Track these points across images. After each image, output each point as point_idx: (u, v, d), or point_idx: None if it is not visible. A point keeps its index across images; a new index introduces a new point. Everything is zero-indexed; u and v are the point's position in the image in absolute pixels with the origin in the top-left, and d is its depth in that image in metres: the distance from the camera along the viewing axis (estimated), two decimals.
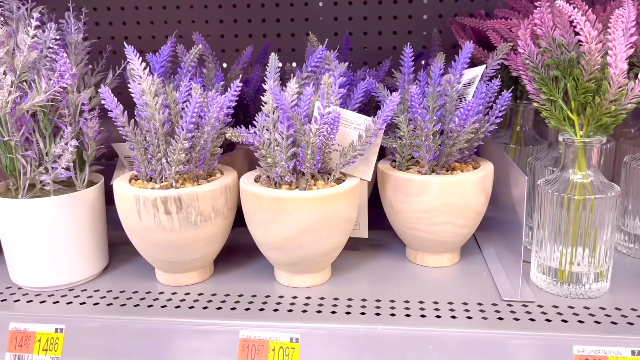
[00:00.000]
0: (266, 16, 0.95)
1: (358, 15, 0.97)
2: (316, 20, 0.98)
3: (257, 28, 0.96)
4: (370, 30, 0.97)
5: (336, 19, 1.01)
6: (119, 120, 0.55)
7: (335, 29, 1.01)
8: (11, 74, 0.54)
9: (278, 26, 0.97)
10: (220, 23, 0.95)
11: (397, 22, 0.98)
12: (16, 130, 0.56)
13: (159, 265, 0.60)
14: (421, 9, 0.99)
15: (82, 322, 0.54)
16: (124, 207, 0.56)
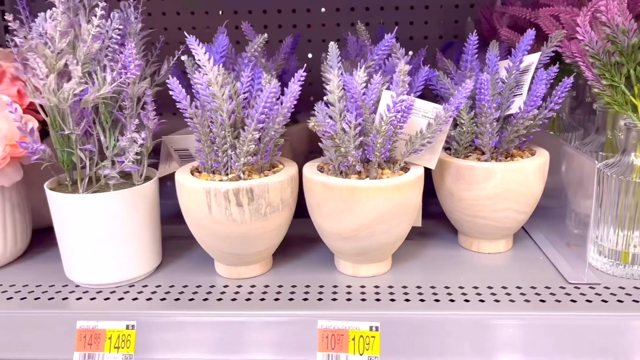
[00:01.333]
0: (296, 6, 0.94)
1: (390, 5, 0.97)
2: (347, 11, 0.97)
3: (287, 19, 0.95)
4: (402, 20, 0.97)
5: (367, 9, 1.00)
6: (187, 111, 0.53)
7: (367, 19, 1.00)
8: (74, 66, 0.52)
9: (308, 17, 0.96)
10: (249, 14, 0.93)
11: (429, 12, 0.98)
12: (76, 123, 0.54)
13: (222, 258, 0.59)
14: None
15: (152, 318, 0.53)
16: (191, 200, 0.55)
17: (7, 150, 0.55)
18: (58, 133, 0.55)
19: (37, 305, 0.55)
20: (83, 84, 0.50)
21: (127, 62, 0.53)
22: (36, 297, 0.57)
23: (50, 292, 0.58)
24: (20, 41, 0.51)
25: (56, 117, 0.54)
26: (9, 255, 0.63)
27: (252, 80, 0.57)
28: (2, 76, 0.62)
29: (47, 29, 0.51)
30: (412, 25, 1.02)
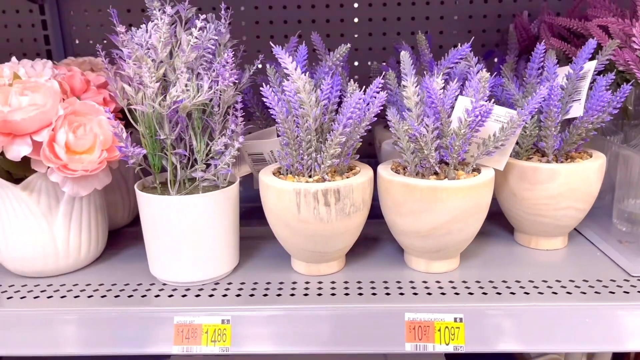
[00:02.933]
0: (344, 16, 0.98)
1: (421, 15, 1.02)
2: (379, 21, 1.01)
3: (337, 28, 0.99)
4: (432, 30, 1.01)
5: (399, 18, 1.05)
6: (278, 117, 0.57)
7: (399, 29, 1.05)
8: (172, 73, 0.55)
9: (355, 27, 1.00)
10: (299, 23, 0.97)
11: (458, 22, 1.03)
12: (171, 128, 0.57)
13: (304, 256, 0.62)
14: (486, 9, 1.04)
15: (245, 312, 0.56)
16: (279, 200, 0.58)
17: (104, 155, 0.58)
18: (153, 138, 0.58)
19: (131, 302, 0.58)
20: (187, 91, 0.53)
21: (221, 70, 0.56)
22: (129, 295, 0.59)
23: (141, 290, 0.61)
24: (128, 52, 0.54)
25: (151, 123, 0.57)
26: (92, 255, 0.66)
27: (331, 88, 0.61)
28: (87, 85, 0.65)
29: (152, 40, 0.54)
30: (441, 34, 1.07)
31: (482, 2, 1.06)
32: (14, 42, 1.11)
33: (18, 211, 0.59)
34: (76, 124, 0.57)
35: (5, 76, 0.59)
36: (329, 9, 1.02)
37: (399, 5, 1.03)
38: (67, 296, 0.59)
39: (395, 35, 1.05)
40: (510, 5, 1.06)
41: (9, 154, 0.56)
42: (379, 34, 1.05)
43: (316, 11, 1.03)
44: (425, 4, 1.05)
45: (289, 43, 0.67)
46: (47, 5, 1.08)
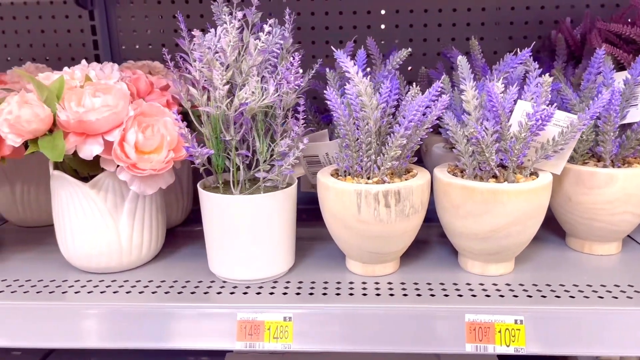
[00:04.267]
0: (399, 22, 1.00)
1: (462, 21, 1.03)
2: (420, 26, 1.02)
3: (378, 34, 1.00)
4: (487, 35, 1.02)
5: (440, 25, 1.05)
6: (340, 120, 0.58)
7: (438, 35, 1.06)
8: (238, 76, 0.57)
9: (398, 33, 1.01)
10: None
11: (499, 28, 1.03)
12: (236, 130, 0.59)
13: (361, 257, 0.63)
14: (527, 15, 1.04)
15: (306, 310, 0.57)
16: (339, 201, 0.59)
17: (171, 155, 0.60)
18: (218, 139, 0.60)
19: (194, 299, 0.59)
20: (255, 94, 0.55)
21: (286, 74, 0.57)
22: (192, 292, 0.61)
23: (202, 286, 0.62)
24: (200, 55, 0.56)
25: (217, 125, 0.59)
26: (152, 252, 0.68)
27: (389, 91, 0.62)
28: (151, 87, 0.67)
29: (221, 44, 0.55)
30: (482, 40, 1.08)
31: (524, 8, 1.06)
32: (63, 47, 1.15)
33: (86, 208, 0.62)
34: (144, 124, 0.59)
35: (76, 78, 0.62)
36: (388, 16, 1.04)
37: (440, 11, 1.04)
38: (132, 292, 0.61)
39: (436, 42, 1.06)
40: (552, 12, 1.06)
41: (82, 153, 0.58)
42: (419, 40, 1.06)
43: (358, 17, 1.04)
44: (466, 10, 1.05)
45: (345, 48, 0.68)
46: (97, 11, 1.12)
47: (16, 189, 0.79)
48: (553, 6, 1.06)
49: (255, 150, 0.62)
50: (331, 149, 0.69)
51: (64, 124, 0.57)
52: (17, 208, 0.80)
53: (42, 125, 0.57)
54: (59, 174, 0.61)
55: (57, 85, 0.59)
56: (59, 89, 0.58)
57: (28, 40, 1.15)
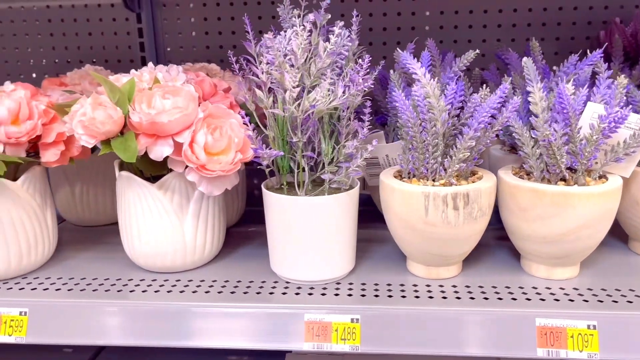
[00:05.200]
0: (458, 23, 0.99)
1: (508, 22, 1.02)
2: (479, 28, 1.01)
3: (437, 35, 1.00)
4: (535, 37, 1.01)
5: (485, 26, 1.04)
6: (409, 121, 0.58)
7: (498, 36, 1.04)
8: (308, 78, 0.58)
9: (456, 33, 1.00)
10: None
11: (545, 29, 1.02)
12: (303, 132, 0.59)
13: (425, 259, 0.63)
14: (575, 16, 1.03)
15: (373, 312, 0.57)
16: (406, 203, 0.59)
17: (239, 156, 0.60)
18: (284, 140, 0.60)
19: (260, 299, 0.60)
20: (327, 96, 0.55)
21: (354, 76, 0.58)
22: (257, 292, 0.61)
23: (266, 287, 0.63)
24: (271, 57, 0.56)
25: (284, 126, 0.60)
26: (213, 252, 0.69)
27: (454, 93, 0.62)
28: (215, 89, 0.68)
29: (292, 46, 0.56)
30: (528, 42, 1.06)
31: (572, 9, 1.05)
32: (109, 49, 1.17)
33: (153, 209, 0.63)
34: (213, 126, 0.60)
35: (144, 80, 0.63)
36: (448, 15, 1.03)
37: (485, 12, 1.03)
38: (198, 291, 0.62)
39: (482, 43, 1.05)
40: (600, 12, 1.04)
41: (152, 154, 0.59)
42: (464, 41, 1.04)
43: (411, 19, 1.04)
44: (512, 12, 1.04)
45: (406, 49, 0.68)
46: (144, 14, 1.13)
47: (75, 188, 0.81)
48: (602, 6, 1.04)
49: (319, 152, 0.62)
50: (392, 150, 0.69)
51: (135, 126, 0.58)
52: (76, 207, 0.82)
53: (115, 127, 0.58)
54: (127, 174, 0.62)
55: (127, 87, 0.60)
56: (130, 91, 0.59)
57: (76, 43, 1.17)
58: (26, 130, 0.61)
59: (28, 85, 0.67)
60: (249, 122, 0.60)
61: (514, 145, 0.75)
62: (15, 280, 0.65)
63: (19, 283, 0.64)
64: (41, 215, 0.66)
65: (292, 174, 0.63)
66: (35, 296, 0.61)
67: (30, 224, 0.64)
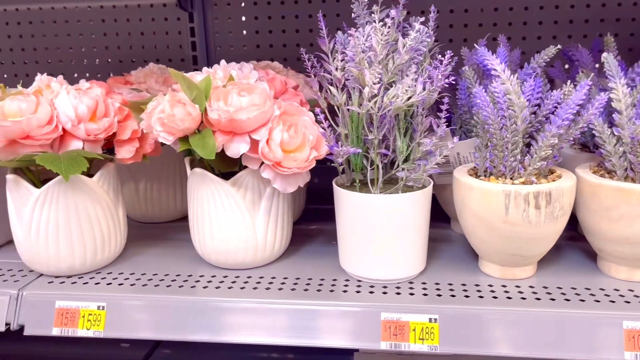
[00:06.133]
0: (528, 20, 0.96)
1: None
2: (550, 24, 0.99)
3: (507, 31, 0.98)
4: (621, 32, 0.98)
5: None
6: (489, 118, 0.57)
7: (555, 33, 1.02)
8: (386, 75, 0.57)
9: (526, 29, 0.98)
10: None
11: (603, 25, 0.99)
12: (378, 129, 0.59)
13: (500, 259, 0.62)
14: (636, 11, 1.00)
15: (452, 312, 0.56)
16: (485, 202, 0.58)
17: (314, 153, 0.60)
18: (359, 138, 0.60)
19: (333, 297, 0.59)
20: (407, 93, 0.54)
21: (434, 72, 0.57)
22: (330, 290, 0.61)
23: (338, 285, 0.62)
24: (352, 54, 0.56)
25: (360, 123, 0.59)
26: (282, 249, 0.69)
27: (532, 90, 0.60)
28: (285, 87, 0.68)
29: (372, 43, 0.55)
30: (585, 38, 1.03)
31: (632, 4, 1.01)
32: (161, 49, 1.18)
33: (226, 205, 0.63)
34: (288, 123, 0.60)
35: (218, 78, 0.63)
36: (484, 12, 1.01)
37: (556, 8, 1.00)
38: (271, 288, 0.62)
39: (552, 39, 1.01)
40: None
41: (229, 151, 0.59)
42: (533, 38, 1.02)
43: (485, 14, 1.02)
44: (585, 7, 1.01)
45: (477, 46, 0.67)
46: (196, 13, 1.14)
47: (139, 185, 0.82)
48: None
49: (393, 149, 0.61)
50: (465, 148, 0.68)
51: (213, 123, 0.59)
52: (140, 204, 0.83)
53: (193, 124, 0.58)
54: (201, 171, 0.63)
55: (204, 84, 0.60)
56: (207, 88, 0.60)
57: (128, 43, 1.18)
58: (104, 127, 0.62)
59: (102, 83, 0.68)
60: (324, 120, 0.60)
61: (585, 143, 0.74)
62: (89, 275, 0.66)
63: (93, 278, 0.65)
64: (114, 211, 0.67)
65: (362, 171, 0.62)
66: (111, 291, 0.62)
67: (104, 219, 0.65)
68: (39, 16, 1.17)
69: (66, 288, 0.63)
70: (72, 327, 0.61)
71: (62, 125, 0.60)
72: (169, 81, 0.79)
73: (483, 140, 0.61)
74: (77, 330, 0.60)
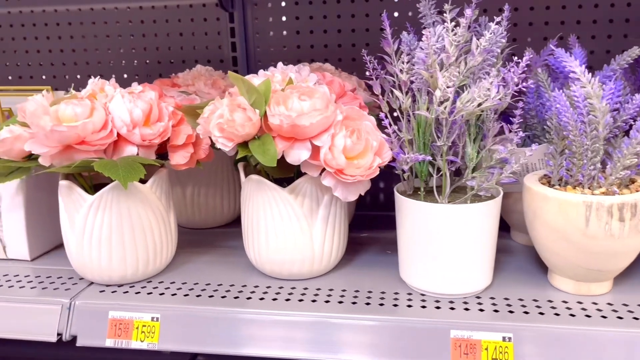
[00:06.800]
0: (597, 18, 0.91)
1: None
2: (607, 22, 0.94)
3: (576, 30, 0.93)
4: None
5: (611, 21, 0.96)
6: (569, 124, 0.53)
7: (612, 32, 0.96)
8: (457, 78, 0.54)
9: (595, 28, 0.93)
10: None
11: None
12: (448, 135, 0.55)
13: (576, 273, 0.58)
14: None
15: (528, 331, 0.53)
16: (562, 213, 0.54)
17: (378, 160, 0.57)
18: (426, 144, 0.57)
19: (399, 312, 0.56)
20: (482, 96, 0.51)
21: (509, 75, 0.53)
22: (394, 304, 0.58)
23: (401, 299, 0.59)
24: (424, 55, 0.53)
25: (428, 129, 0.56)
26: (338, 259, 0.66)
27: (612, 93, 0.56)
28: (343, 90, 0.65)
29: (444, 43, 0.52)
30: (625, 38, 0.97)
31: None
32: (200, 50, 1.16)
33: (283, 213, 0.60)
34: (350, 129, 0.57)
35: (276, 81, 0.60)
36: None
37: (628, 6, 0.94)
38: (330, 301, 0.59)
39: (622, 38, 0.96)
40: None
41: (290, 158, 0.57)
42: (602, 37, 0.96)
43: None
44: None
45: (547, 47, 0.64)
46: (237, 13, 1.12)
47: (187, 191, 0.80)
48: None
49: (462, 156, 0.58)
50: (534, 155, 0.64)
51: (274, 128, 0.56)
52: (187, 210, 0.81)
53: (253, 130, 0.56)
54: (258, 178, 0.60)
55: (263, 88, 0.57)
56: (266, 92, 0.57)
57: (167, 44, 1.17)
58: (158, 132, 0.60)
59: (154, 86, 0.66)
60: (389, 125, 0.57)
61: None
62: (141, 284, 0.64)
63: (145, 287, 0.64)
64: (166, 218, 0.65)
65: (424, 179, 0.59)
66: (164, 301, 0.60)
67: (157, 227, 0.63)
68: (78, 17, 1.17)
69: (118, 298, 0.61)
70: (125, 338, 0.59)
71: (117, 130, 0.59)
72: (218, 83, 0.77)
73: (557, 147, 0.57)
74: (131, 342, 0.59)
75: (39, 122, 0.56)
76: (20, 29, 1.19)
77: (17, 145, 0.60)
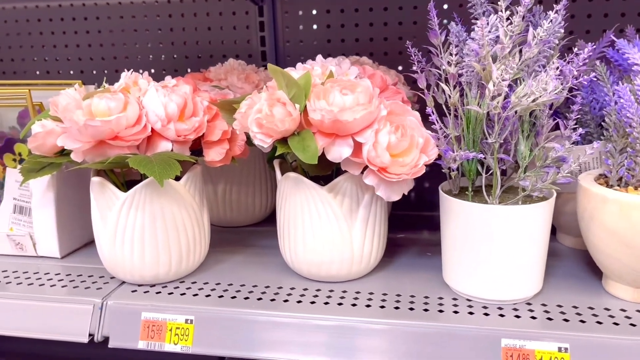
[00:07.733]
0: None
1: None
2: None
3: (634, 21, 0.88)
4: None
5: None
6: (633, 120, 0.49)
7: None
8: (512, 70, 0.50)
9: None
10: None
11: None
12: (499, 132, 0.52)
13: (636, 280, 0.54)
14: None
15: (587, 341, 0.50)
16: (625, 216, 0.50)
17: (424, 158, 0.54)
18: (475, 141, 0.53)
19: (444, 318, 0.53)
20: (540, 90, 0.48)
21: (568, 68, 0.50)
22: (439, 310, 0.55)
23: (446, 304, 0.56)
24: (477, 47, 0.49)
25: (478, 125, 0.53)
26: (377, 262, 0.63)
27: None
28: (385, 84, 0.62)
29: (499, 34, 0.49)
30: None
31: None
32: (228, 44, 1.14)
33: (322, 213, 0.58)
34: (395, 124, 0.54)
35: (316, 75, 0.58)
36: None
37: None
38: (372, 305, 0.56)
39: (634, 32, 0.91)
40: None
41: (330, 155, 0.54)
42: None
43: None
44: None
45: (604, 38, 0.60)
46: (266, 6, 1.10)
47: (218, 188, 0.78)
48: None
49: (514, 154, 0.55)
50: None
51: (314, 124, 0.53)
52: (218, 207, 0.79)
53: (292, 126, 0.53)
54: (296, 176, 0.58)
55: (303, 81, 0.55)
56: (306, 86, 0.55)
57: (195, 38, 1.15)
58: (193, 127, 0.58)
59: (188, 79, 0.64)
60: (436, 121, 0.54)
61: None
62: (173, 285, 0.62)
63: (178, 288, 0.62)
64: (200, 216, 0.63)
65: (472, 178, 0.56)
66: (198, 303, 0.58)
67: (190, 225, 0.61)
68: (106, 12, 1.15)
69: (151, 298, 0.59)
70: (159, 340, 0.57)
71: (151, 125, 0.56)
72: (251, 77, 0.75)
73: (617, 145, 0.53)
74: (164, 344, 0.57)
75: (72, 117, 0.54)
76: (48, 24, 1.18)
77: (49, 140, 0.58)
